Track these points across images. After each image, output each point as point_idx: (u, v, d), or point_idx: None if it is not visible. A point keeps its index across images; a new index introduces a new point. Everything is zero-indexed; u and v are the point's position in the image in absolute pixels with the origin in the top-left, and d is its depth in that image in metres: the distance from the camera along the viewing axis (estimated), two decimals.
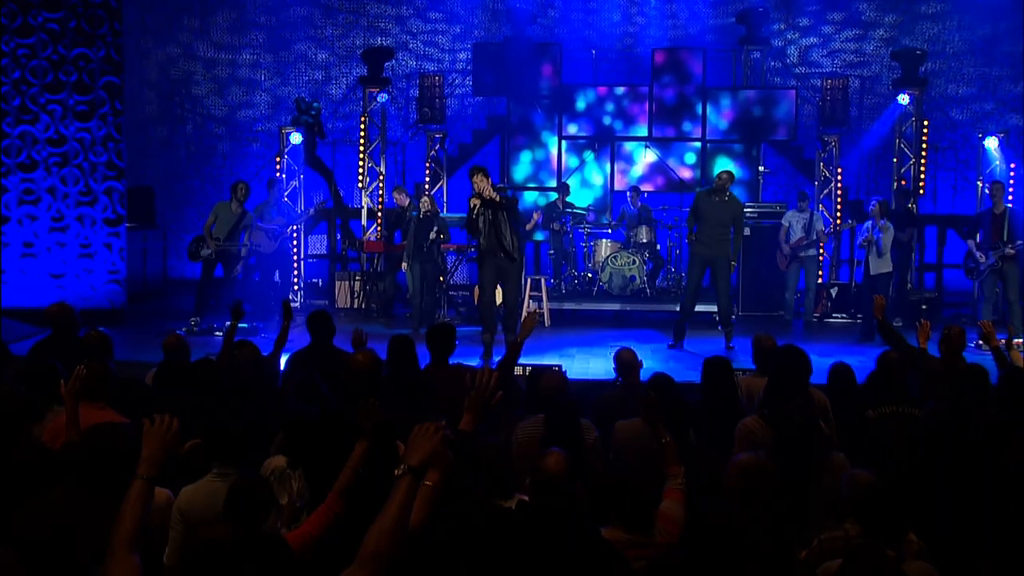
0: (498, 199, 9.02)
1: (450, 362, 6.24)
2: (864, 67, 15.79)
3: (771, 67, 15.18)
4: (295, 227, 13.04)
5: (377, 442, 3.70)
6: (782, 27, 15.79)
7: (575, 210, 12.96)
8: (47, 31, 11.23)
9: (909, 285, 13.03)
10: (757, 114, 13.57)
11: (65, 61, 11.25)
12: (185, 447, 3.07)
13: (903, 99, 13.17)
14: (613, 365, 6.27)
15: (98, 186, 11.42)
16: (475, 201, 9.01)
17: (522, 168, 13.82)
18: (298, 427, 4.42)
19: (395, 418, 4.12)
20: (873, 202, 11.10)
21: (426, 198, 11.32)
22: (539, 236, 13.76)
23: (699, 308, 11.93)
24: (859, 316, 11.47)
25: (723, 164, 13.63)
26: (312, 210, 12.88)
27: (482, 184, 9.00)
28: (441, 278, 11.74)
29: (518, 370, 6.80)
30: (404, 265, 11.18)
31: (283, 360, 6.82)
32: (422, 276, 11.12)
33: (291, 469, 4.31)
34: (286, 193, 13.24)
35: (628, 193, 13.18)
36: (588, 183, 13.89)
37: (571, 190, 13.32)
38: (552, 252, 12.92)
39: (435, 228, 11.14)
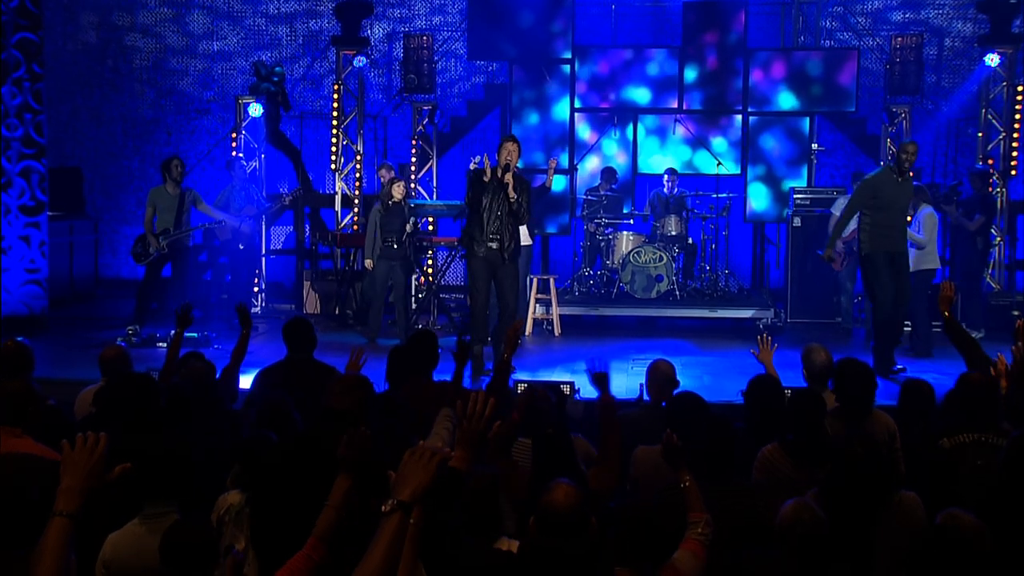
0: (511, 182, 9.12)
1: (434, 378, 6.32)
2: (943, 22, 15.75)
3: (827, 23, 15.17)
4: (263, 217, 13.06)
5: (364, 478, 3.69)
6: None
7: (610, 192, 13.01)
8: None
9: (997, 287, 13.02)
10: (810, 80, 13.56)
11: None
12: (114, 472, 3.04)
13: (991, 60, 13.15)
14: (644, 379, 6.31)
15: (12, 167, 11.39)
16: (475, 171, 9.18)
17: (527, 145, 13.81)
18: (254, 456, 4.44)
19: (387, 444, 4.16)
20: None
21: (397, 185, 11.29)
22: (552, 228, 13.76)
23: (743, 314, 12.00)
24: (907, 323, 11.47)
25: (768, 140, 13.66)
26: (286, 199, 12.89)
27: (512, 155, 9.17)
28: (425, 279, 11.75)
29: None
30: (368, 262, 11.18)
31: (243, 377, 6.84)
32: (388, 276, 11.15)
33: (248, 507, 4.34)
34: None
35: (665, 175, 13.17)
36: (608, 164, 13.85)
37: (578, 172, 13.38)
38: (586, 244, 12.94)
39: (410, 221, 11.14)
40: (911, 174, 9.48)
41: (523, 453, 5.16)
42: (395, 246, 11.08)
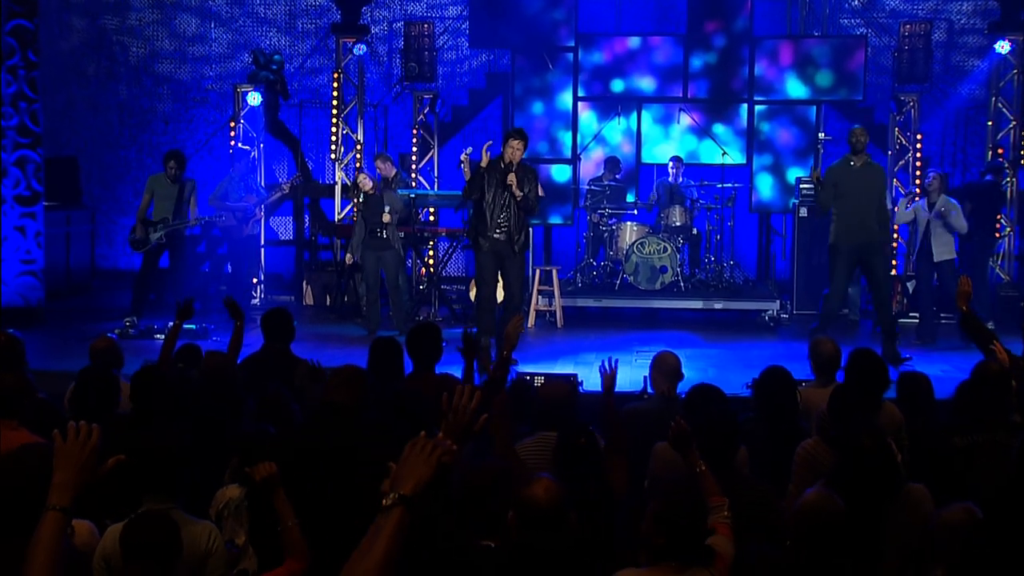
0: (515, 182, 9.15)
1: (436, 370, 6.30)
2: (952, 9, 15.69)
3: (835, 10, 15.12)
4: (262, 207, 13.06)
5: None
6: None
7: (614, 182, 13.00)
8: None
9: (1007, 278, 12.99)
10: (817, 69, 13.52)
11: None
12: (108, 464, 3.02)
13: (1002, 47, 13.10)
14: (648, 372, 6.29)
15: (8, 156, 11.38)
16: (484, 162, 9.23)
17: (530, 135, 13.77)
18: (254, 451, 4.44)
19: (383, 435, 4.15)
20: (930, 175, 11.14)
21: (363, 177, 11.20)
22: (556, 219, 13.75)
23: (749, 306, 11.99)
24: (913, 314, 11.48)
25: (774, 129, 13.63)
26: (285, 187, 12.87)
27: (516, 152, 9.18)
28: (426, 270, 11.73)
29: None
30: (347, 256, 11.13)
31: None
32: (377, 268, 11.12)
33: (247, 501, 4.33)
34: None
35: (671, 163, 13.15)
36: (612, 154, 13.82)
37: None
38: (589, 234, 12.92)
39: (387, 208, 11.08)
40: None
41: (546, 447, 5.11)
42: (378, 235, 11.03)
